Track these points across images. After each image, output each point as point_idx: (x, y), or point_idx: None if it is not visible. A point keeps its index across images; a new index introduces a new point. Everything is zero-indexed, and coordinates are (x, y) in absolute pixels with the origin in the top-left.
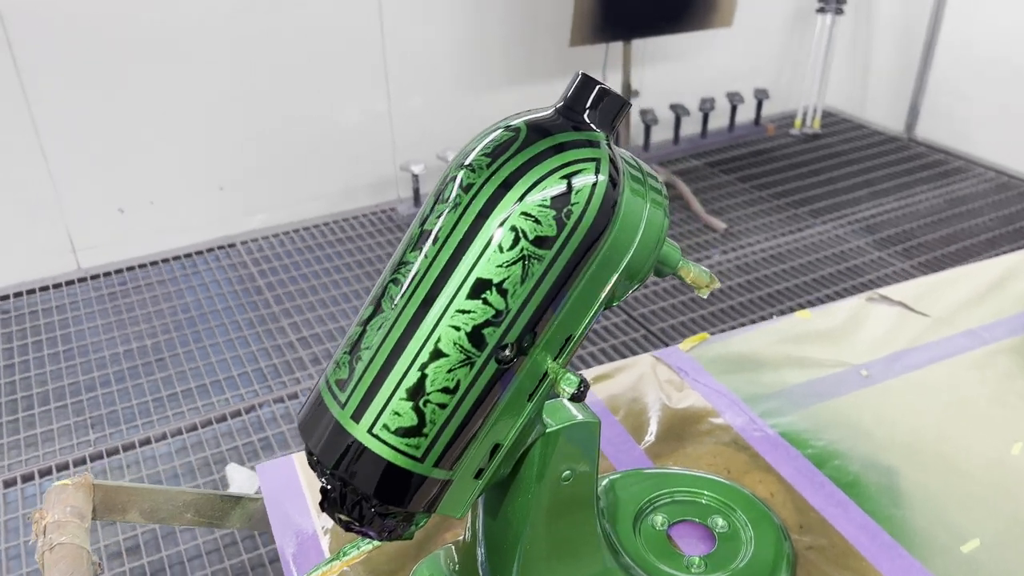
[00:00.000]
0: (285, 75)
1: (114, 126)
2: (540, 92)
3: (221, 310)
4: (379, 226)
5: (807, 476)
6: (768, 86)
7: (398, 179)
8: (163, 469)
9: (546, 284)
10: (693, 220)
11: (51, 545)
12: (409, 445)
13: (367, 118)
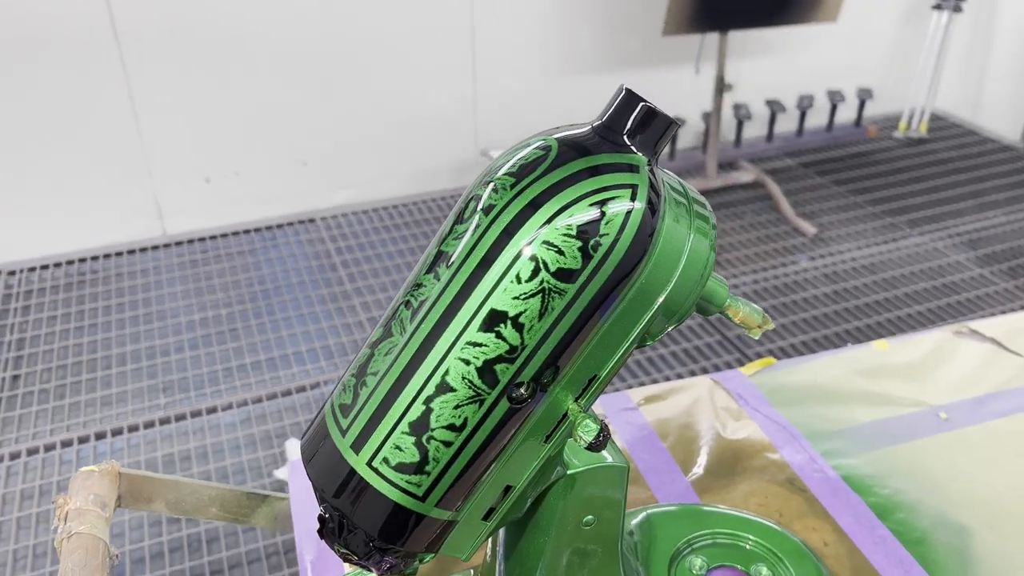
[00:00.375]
0: (373, 55)
1: (205, 99)
2: (629, 82)
3: (296, 284)
4: (451, 209)
5: (867, 528)
6: (872, 85)
7: (478, 164)
8: (227, 439)
9: (567, 321)
10: (781, 222)
11: (69, 533)
12: (410, 483)
13: (452, 101)
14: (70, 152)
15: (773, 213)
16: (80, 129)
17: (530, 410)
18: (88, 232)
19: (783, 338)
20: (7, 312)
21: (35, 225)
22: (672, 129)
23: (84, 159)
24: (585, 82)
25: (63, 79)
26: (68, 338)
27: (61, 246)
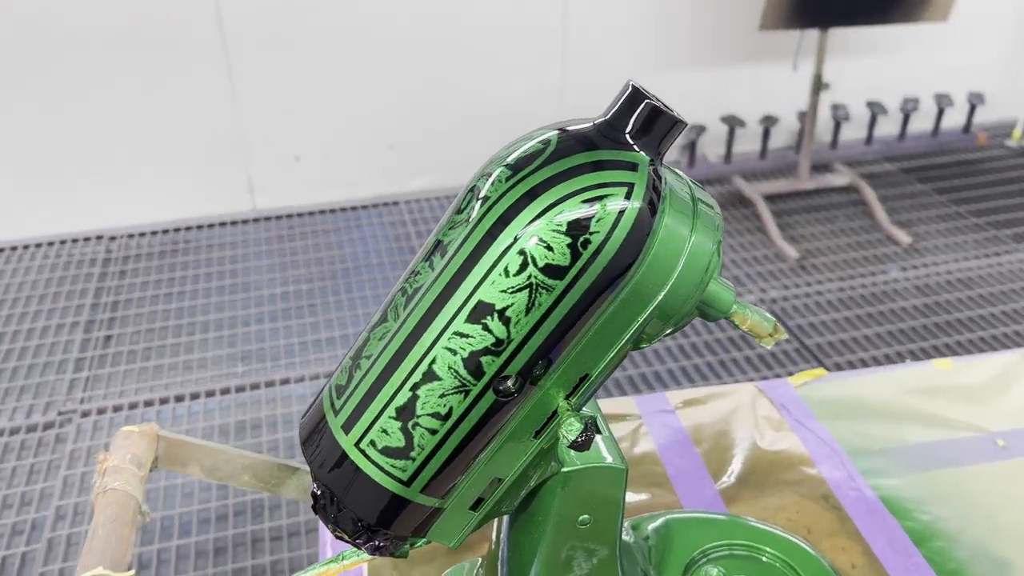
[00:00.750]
0: (461, 42)
1: (301, 82)
2: (723, 77)
3: (375, 265)
4: None
5: (901, 553)
6: (985, 90)
7: None
8: (296, 410)
9: (555, 317)
10: (874, 229)
11: (105, 489)
12: (395, 467)
13: (539, 90)
14: (171, 129)
15: (866, 219)
16: (181, 107)
17: (518, 405)
18: (183, 204)
19: (865, 350)
20: (105, 275)
21: (135, 195)
22: (678, 128)
23: (183, 136)
24: (676, 77)
25: (167, 60)
26: (158, 303)
27: (158, 216)
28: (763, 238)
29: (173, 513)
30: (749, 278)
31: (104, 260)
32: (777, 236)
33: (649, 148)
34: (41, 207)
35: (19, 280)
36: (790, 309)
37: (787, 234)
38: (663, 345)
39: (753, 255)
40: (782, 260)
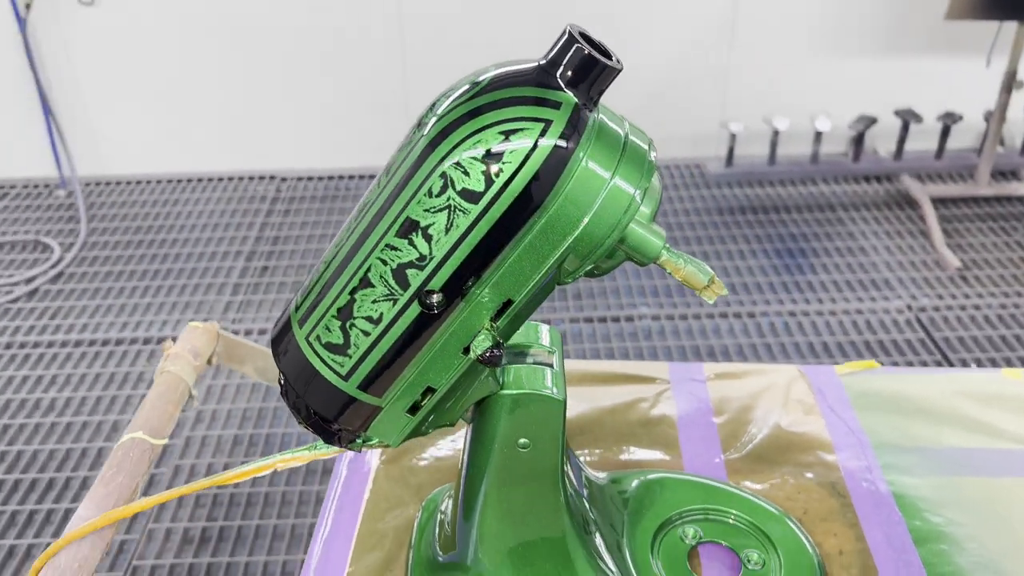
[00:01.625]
0: (627, 18)
1: (468, 42)
2: (902, 67)
3: None
4: (684, 180)
5: (896, 549)
6: None
7: (719, 136)
8: None
9: (472, 240)
10: None
11: (163, 371)
12: (335, 361)
13: (704, 71)
14: (345, 86)
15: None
16: (353, 63)
17: (444, 320)
18: (347, 155)
19: None
20: (271, 212)
21: (306, 142)
22: (609, 74)
23: (355, 93)
24: (851, 64)
25: (346, 26)
26: (314, 243)
27: (324, 163)
28: (924, 243)
29: (188, 463)
30: (900, 283)
31: (272, 199)
32: (940, 242)
33: (582, 92)
34: (225, 145)
35: (199, 208)
36: (939, 320)
37: (952, 241)
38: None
39: (910, 259)
40: (941, 268)
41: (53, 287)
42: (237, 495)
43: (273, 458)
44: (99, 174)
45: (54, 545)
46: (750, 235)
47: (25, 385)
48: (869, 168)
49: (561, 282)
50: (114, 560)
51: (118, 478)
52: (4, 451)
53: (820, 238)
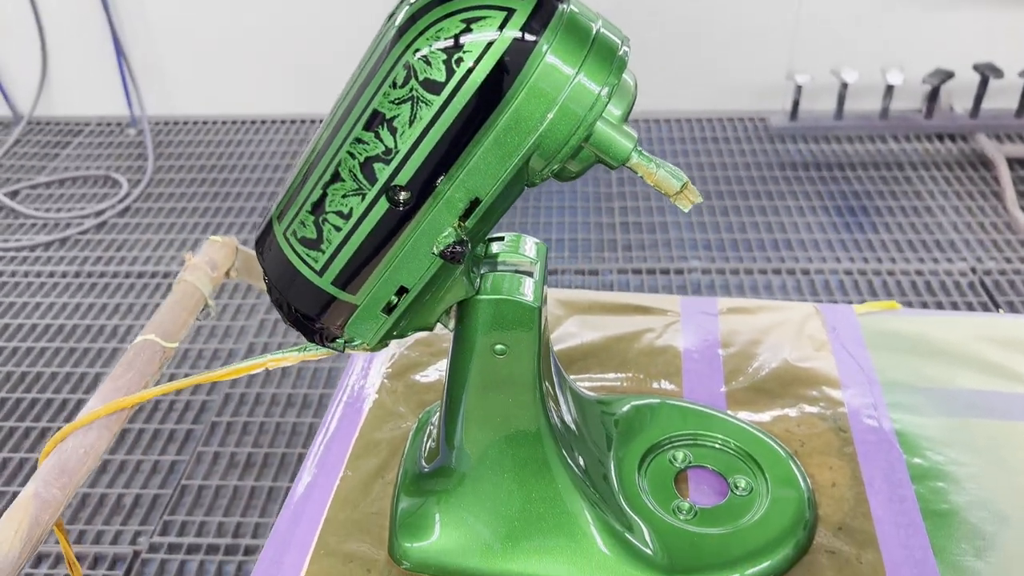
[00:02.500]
0: None
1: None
2: (984, 19)
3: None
4: (746, 133)
5: (890, 483)
6: None
7: (784, 88)
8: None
9: (436, 132)
10: None
11: (180, 280)
12: (310, 256)
13: (772, 21)
14: None
15: None
16: None
17: (413, 218)
18: None
19: None
20: None
21: None
22: None
23: None
24: (929, 14)
25: None
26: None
27: None
28: (995, 204)
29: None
30: (967, 244)
31: None
32: (1013, 203)
33: None
34: (289, 89)
35: (260, 150)
36: (1005, 284)
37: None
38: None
39: (979, 220)
40: (1012, 231)
41: (120, 220)
42: (283, 424)
43: (264, 357)
44: (167, 114)
45: (61, 431)
46: (811, 191)
47: (91, 312)
48: (943, 125)
49: (530, 182)
50: (165, 479)
51: (128, 375)
52: (69, 372)
53: (884, 196)
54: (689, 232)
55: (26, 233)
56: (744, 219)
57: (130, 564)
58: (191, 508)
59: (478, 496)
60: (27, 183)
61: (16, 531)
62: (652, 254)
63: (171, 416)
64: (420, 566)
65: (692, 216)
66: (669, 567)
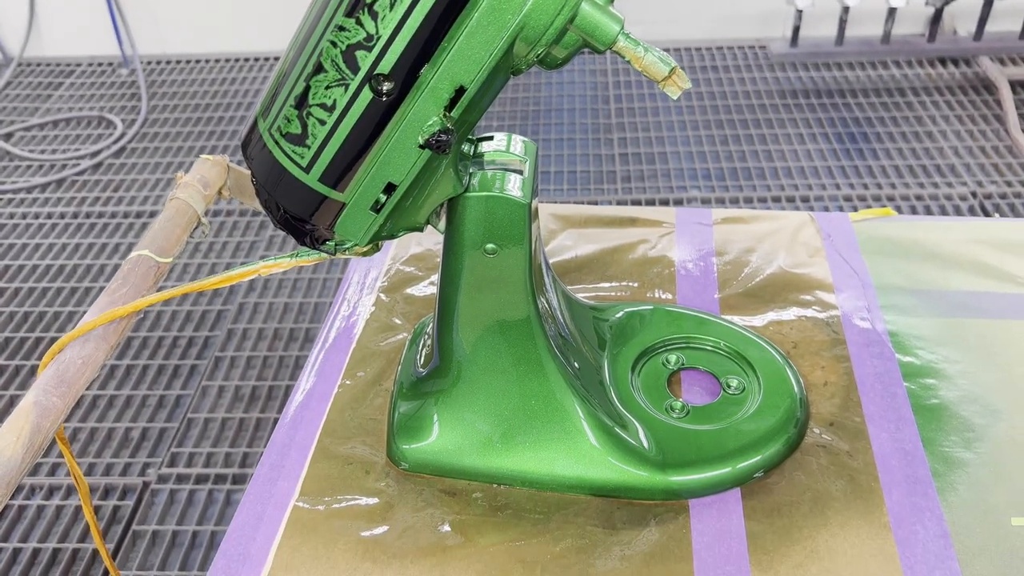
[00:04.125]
0: None
1: None
2: None
3: (566, 110)
4: (745, 61)
5: (882, 382)
6: None
7: (784, 14)
8: None
9: (418, 14)
10: None
11: (173, 198)
12: (295, 152)
13: None
14: None
15: None
16: None
17: (397, 109)
18: None
19: None
20: None
21: None
22: None
23: None
24: None
25: None
26: None
27: None
28: (997, 128)
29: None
30: (967, 169)
31: None
32: (1015, 127)
33: None
34: (279, 25)
35: (255, 88)
36: (1005, 207)
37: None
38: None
39: (980, 145)
40: (1013, 155)
41: (116, 161)
42: (287, 358)
43: (256, 264)
44: (159, 53)
45: (59, 342)
46: (811, 119)
47: (91, 251)
48: (945, 49)
49: (516, 69)
50: (171, 412)
51: (123, 290)
52: (72, 311)
53: (886, 123)
54: (689, 162)
55: (22, 175)
56: (744, 148)
57: (140, 494)
58: (198, 440)
59: (473, 395)
60: (20, 125)
61: (18, 437)
62: (651, 184)
63: (175, 352)
64: (418, 466)
65: (692, 146)
66: (662, 462)
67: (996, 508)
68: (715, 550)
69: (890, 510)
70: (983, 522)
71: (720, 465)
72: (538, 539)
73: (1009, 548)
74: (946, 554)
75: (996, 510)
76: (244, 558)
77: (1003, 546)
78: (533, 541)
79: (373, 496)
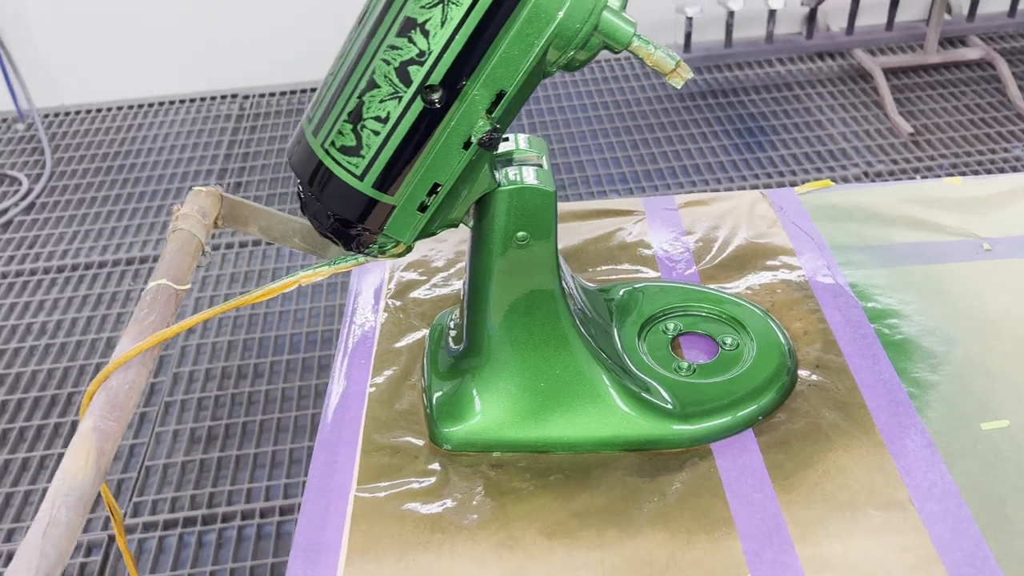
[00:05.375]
0: None
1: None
2: None
3: None
4: (643, 69)
5: (852, 325)
6: None
7: (675, 23)
8: None
9: (466, 30)
10: (1004, 107)
11: (175, 229)
12: (350, 163)
13: None
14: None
15: (996, 96)
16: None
17: (445, 115)
18: (312, 67)
19: None
20: (238, 130)
21: (269, 57)
22: None
23: (307, 4)
24: None
25: None
26: (283, 156)
27: (287, 78)
28: (878, 112)
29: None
30: (856, 151)
31: (237, 117)
32: (892, 111)
33: None
34: (182, 67)
35: (163, 132)
36: None
37: (904, 109)
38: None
39: (864, 129)
40: (895, 135)
41: (27, 217)
42: (239, 395)
43: (296, 275)
44: (58, 104)
45: (104, 370)
46: (711, 118)
47: (13, 312)
48: (822, 44)
49: (546, 72)
50: (126, 463)
51: (150, 317)
52: (3, 374)
53: (779, 116)
54: (605, 168)
55: None
56: (654, 150)
57: (106, 549)
58: (159, 487)
59: (509, 373)
60: None
61: (86, 461)
62: (573, 192)
63: None
64: (463, 445)
65: (605, 152)
66: (682, 414)
67: (967, 417)
68: (742, 482)
69: (881, 430)
70: (958, 430)
71: (733, 411)
72: (585, 494)
73: (983, 448)
74: (934, 459)
75: (967, 419)
76: (319, 547)
77: (978, 447)
78: (581, 496)
79: (427, 477)
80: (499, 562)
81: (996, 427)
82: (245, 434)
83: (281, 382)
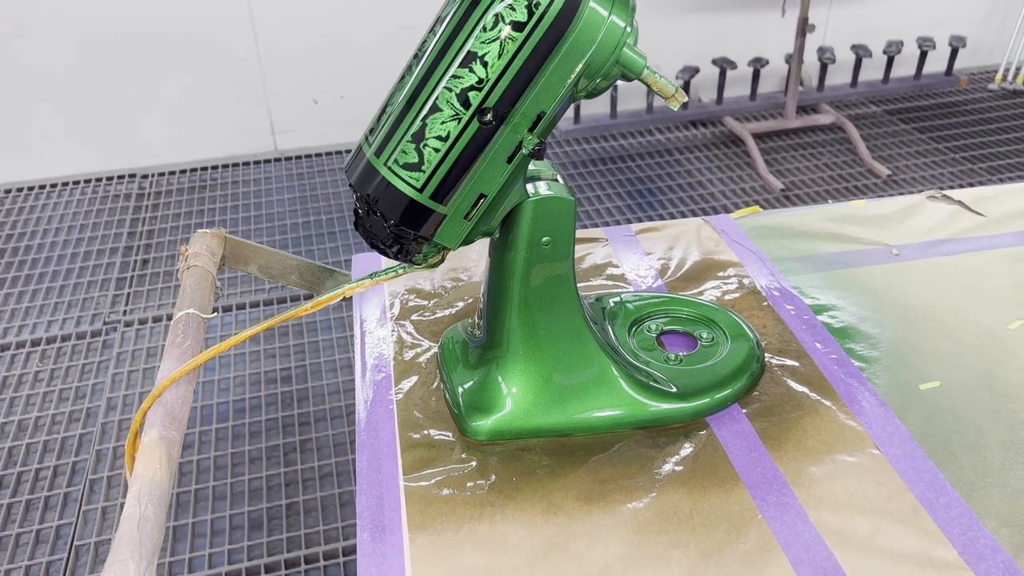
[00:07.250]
0: None
1: (317, 26)
2: (715, 22)
3: None
4: None
5: (801, 318)
6: (969, 35)
7: None
8: (319, 319)
9: (518, 61)
10: (856, 164)
11: (189, 266)
12: (412, 177)
13: None
14: (199, 74)
15: (849, 155)
16: (208, 55)
17: (494, 132)
18: (211, 145)
19: None
20: (140, 208)
21: (167, 137)
22: None
23: (211, 81)
24: (670, 21)
25: (194, 10)
26: (189, 232)
27: (187, 156)
28: (751, 172)
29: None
30: (736, 206)
31: (138, 195)
32: (764, 170)
33: None
34: (80, 148)
35: (61, 212)
36: None
37: (773, 168)
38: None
39: (741, 187)
40: (768, 191)
41: None
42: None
43: (341, 288)
44: None
45: (158, 387)
46: (604, 183)
47: None
48: (696, 114)
49: (575, 97)
50: (53, 545)
51: (186, 342)
52: None
53: (664, 178)
54: None
55: None
56: None
57: None
58: (92, 566)
59: (531, 366)
60: None
61: (159, 464)
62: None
63: (39, 485)
64: (493, 435)
65: None
66: (681, 395)
67: (907, 382)
68: (738, 444)
69: (842, 396)
70: (903, 391)
71: (722, 389)
72: (608, 465)
73: (924, 404)
74: (888, 415)
75: (907, 383)
76: (382, 528)
77: (919, 402)
78: (605, 467)
79: (466, 463)
80: (546, 525)
81: (931, 387)
82: (180, 504)
83: (223, 448)
